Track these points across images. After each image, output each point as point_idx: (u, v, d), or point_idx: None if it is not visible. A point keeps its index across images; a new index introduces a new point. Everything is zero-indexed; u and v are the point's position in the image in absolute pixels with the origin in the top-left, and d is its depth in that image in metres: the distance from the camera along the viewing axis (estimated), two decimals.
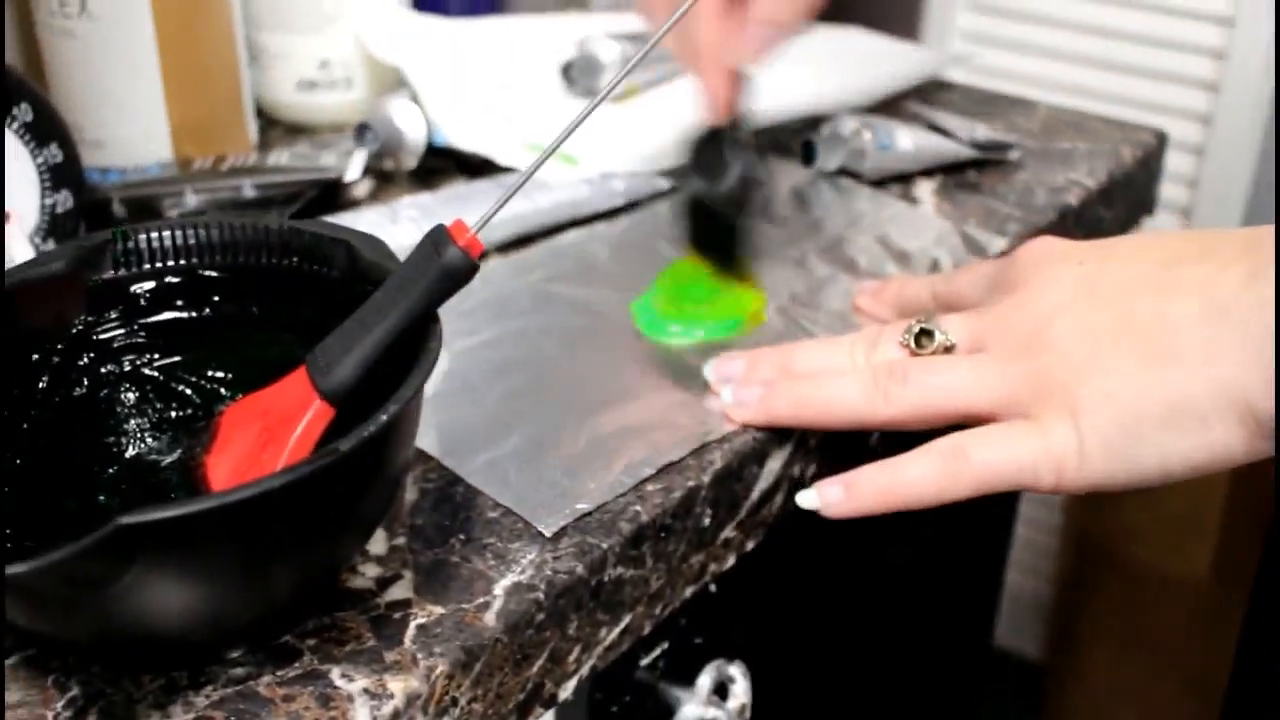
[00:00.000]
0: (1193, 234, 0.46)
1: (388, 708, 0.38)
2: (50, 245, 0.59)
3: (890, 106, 0.83)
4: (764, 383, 0.50)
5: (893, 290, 0.57)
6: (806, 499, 0.48)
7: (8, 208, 0.57)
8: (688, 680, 0.53)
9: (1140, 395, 0.43)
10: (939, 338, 0.47)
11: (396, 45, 0.77)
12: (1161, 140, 0.81)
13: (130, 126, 0.67)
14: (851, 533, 0.68)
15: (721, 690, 0.54)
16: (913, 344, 0.48)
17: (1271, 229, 0.42)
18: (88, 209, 0.61)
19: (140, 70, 0.65)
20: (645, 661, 0.53)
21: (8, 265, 0.57)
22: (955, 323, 0.48)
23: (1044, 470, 0.44)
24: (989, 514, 0.92)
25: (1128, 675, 1.44)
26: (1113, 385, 0.43)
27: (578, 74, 0.81)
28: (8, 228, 0.57)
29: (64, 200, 0.60)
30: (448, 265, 0.40)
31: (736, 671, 0.54)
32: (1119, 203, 0.77)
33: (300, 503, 0.35)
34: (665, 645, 0.53)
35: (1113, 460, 0.43)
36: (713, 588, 0.52)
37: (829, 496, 0.47)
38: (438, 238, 0.40)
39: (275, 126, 0.79)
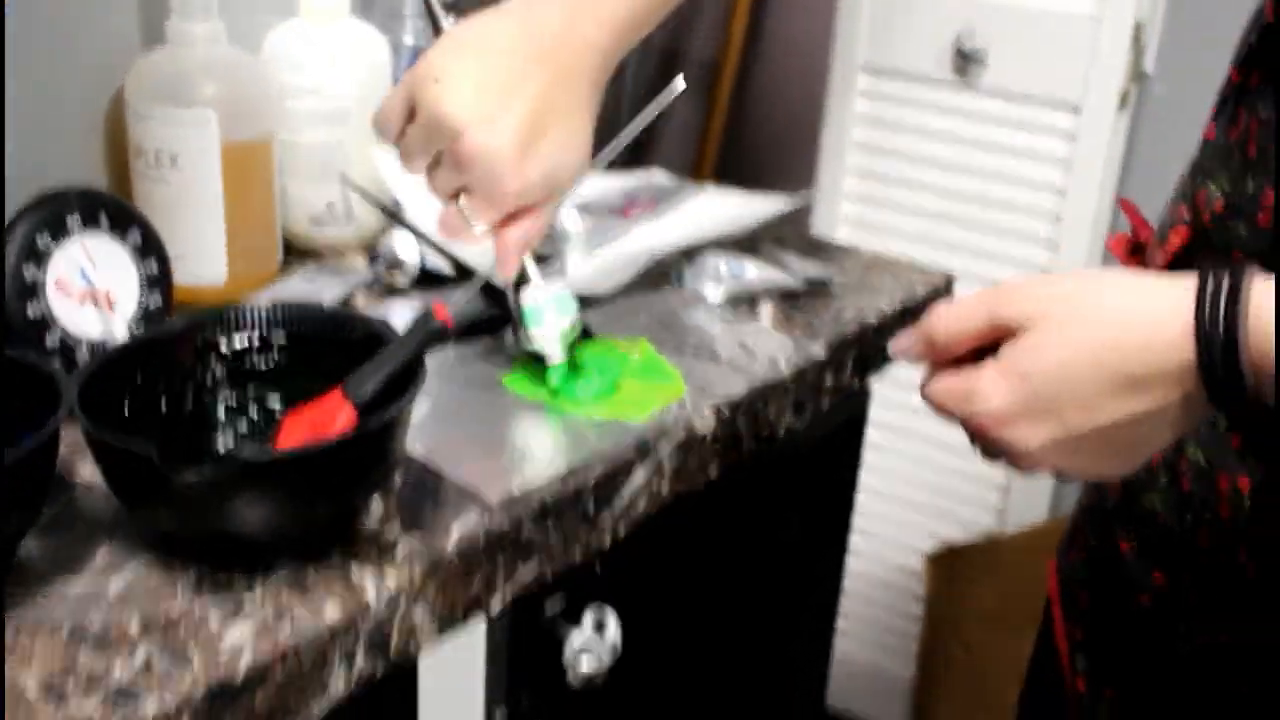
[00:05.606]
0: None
1: (386, 592, 0.64)
2: (139, 331, 0.85)
3: (751, 244, 1.09)
4: None
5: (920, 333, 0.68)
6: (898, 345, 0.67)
7: (115, 299, 0.82)
8: (576, 620, 0.79)
9: None
10: None
11: (395, 189, 1.04)
12: (949, 281, 1.09)
13: (199, 247, 0.93)
14: (703, 545, 0.94)
15: (600, 628, 0.79)
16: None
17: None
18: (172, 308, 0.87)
19: (211, 208, 0.92)
20: (550, 604, 0.78)
21: (113, 344, 0.82)
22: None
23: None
24: (818, 582, 1.18)
25: None
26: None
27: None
28: (109, 314, 0.82)
29: (155, 300, 0.86)
30: (431, 330, 0.67)
31: (609, 616, 0.79)
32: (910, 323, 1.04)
33: (346, 457, 0.61)
34: (562, 593, 0.79)
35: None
36: (597, 558, 0.78)
37: (903, 354, 0.67)
38: (426, 313, 0.67)
39: (293, 250, 1.06)
